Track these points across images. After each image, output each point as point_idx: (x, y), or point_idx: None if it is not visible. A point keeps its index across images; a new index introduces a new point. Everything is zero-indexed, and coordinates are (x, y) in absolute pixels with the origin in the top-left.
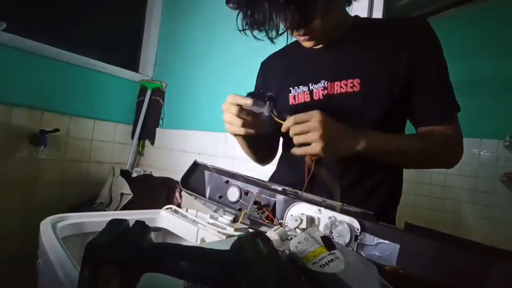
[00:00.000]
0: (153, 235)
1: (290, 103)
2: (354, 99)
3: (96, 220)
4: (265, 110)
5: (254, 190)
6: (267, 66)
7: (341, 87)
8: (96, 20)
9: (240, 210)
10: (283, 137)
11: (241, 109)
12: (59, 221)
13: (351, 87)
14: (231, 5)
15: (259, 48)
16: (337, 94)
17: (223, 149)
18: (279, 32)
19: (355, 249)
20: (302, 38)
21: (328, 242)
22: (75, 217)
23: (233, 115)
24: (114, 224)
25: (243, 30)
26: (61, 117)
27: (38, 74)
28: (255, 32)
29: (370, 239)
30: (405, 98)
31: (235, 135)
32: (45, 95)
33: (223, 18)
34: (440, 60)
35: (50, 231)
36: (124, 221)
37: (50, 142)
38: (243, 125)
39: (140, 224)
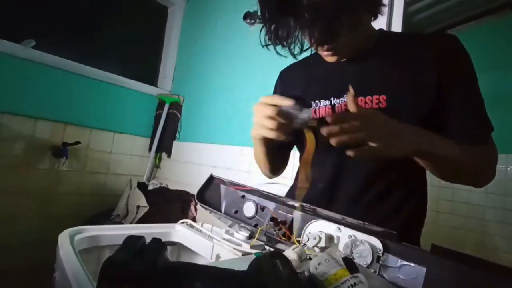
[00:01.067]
0: (168, 250)
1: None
2: None
3: (113, 233)
4: (305, 115)
5: (270, 205)
6: (286, 76)
7: (366, 103)
8: (117, 36)
9: (256, 226)
10: (301, 151)
11: (279, 110)
12: (77, 234)
13: (376, 103)
14: (248, 20)
15: (277, 62)
16: None
17: (239, 162)
18: (303, 48)
19: (378, 271)
20: (325, 53)
21: (350, 264)
22: (92, 230)
23: (267, 116)
24: (131, 241)
25: (266, 45)
26: (82, 130)
27: (61, 88)
28: (278, 48)
29: (393, 260)
30: (434, 115)
31: (262, 138)
32: (67, 108)
33: (241, 33)
34: (471, 77)
35: (68, 244)
36: (141, 238)
37: (71, 154)
38: (278, 128)
39: (156, 241)
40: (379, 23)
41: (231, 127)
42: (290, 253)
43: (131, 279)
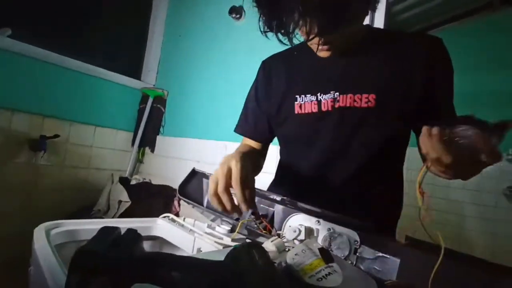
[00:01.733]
0: (149, 244)
1: (296, 111)
2: (369, 115)
3: (91, 227)
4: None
5: None
6: (269, 66)
7: (354, 101)
8: (100, 27)
9: (237, 220)
10: (284, 145)
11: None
12: (54, 228)
13: (366, 102)
14: (233, 15)
15: (261, 57)
16: (350, 108)
17: (223, 157)
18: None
19: (354, 263)
20: (320, 47)
21: (326, 254)
22: (70, 224)
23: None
24: (106, 231)
25: (265, 32)
26: (62, 123)
27: (40, 79)
28: (279, 36)
29: (369, 252)
30: (418, 115)
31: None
32: (46, 100)
33: (225, 28)
34: (452, 81)
35: (43, 238)
36: (116, 228)
37: (50, 148)
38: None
39: (131, 232)
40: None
41: (216, 122)
42: (269, 245)
43: (105, 269)
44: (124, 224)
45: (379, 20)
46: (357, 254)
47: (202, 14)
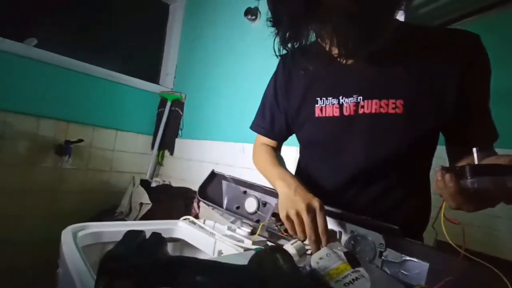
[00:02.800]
0: (170, 246)
1: (316, 115)
2: (396, 122)
3: (115, 229)
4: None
5: (272, 201)
6: (289, 65)
7: (380, 106)
8: (119, 34)
9: (258, 221)
10: (304, 147)
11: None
12: (80, 230)
13: (392, 108)
14: (249, 16)
15: (276, 59)
16: (375, 114)
17: (241, 159)
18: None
19: (380, 266)
20: (343, 58)
21: (352, 258)
22: (95, 227)
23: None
24: (131, 235)
25: (280, 55)
26: (85, 128)
27: (64, 86)
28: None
29: (395, 255)
30: (453, 120)
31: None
32: (70, 106)
33: (241, 30)
34: (489, 83)
35: (70, 240)
36: (141, 232)
37: (74, 152)
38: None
39: (156, 236)
40: None
41: (233, 124)
42: (289, 248)
43: (131, 272)
44: (147, 226)
45: (399, 13)
46: (383, 257)
47: (217, 17)
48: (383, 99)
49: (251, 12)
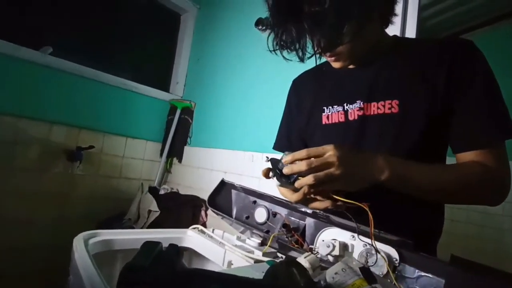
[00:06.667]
0: None
1: (323, 122)
2: (392, 121)
3: (126, 237)
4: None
5: (282, 212)
6: (299, 84)
7: (378, 108)
8: (130, 43)
9: (267, 232)
10: None
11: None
12: (91, 238)
13: (389, 109)
14: (260, 27)
15: (287, 68)
16: (373, 115)
17: (250, 168)
18: (306, 54)
19: (393, 282)
20: (329, 59)
21: (368, 274)
22: (106, 234)
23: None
24: (149, 246)
25: (274, 50)
26: (96, 134)
27: (76, 93)
28: (285, 53)
29: (410, 271)
30: (446, 120)
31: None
32: (82, 113)
33: (252, 40)
34: (486, 77)
35: (82, 248)
36: (158, 244)
37: (85, 158)
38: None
39: (173, 247)
40: (393, 30)
41: (242, 133)
42: (302, 261)
43: (150, 284)
44: (157, 234)
45: (411, 24)
46: (397, 272)
47: (228, 27)
48: (380, 101)
49: (262, 23)
